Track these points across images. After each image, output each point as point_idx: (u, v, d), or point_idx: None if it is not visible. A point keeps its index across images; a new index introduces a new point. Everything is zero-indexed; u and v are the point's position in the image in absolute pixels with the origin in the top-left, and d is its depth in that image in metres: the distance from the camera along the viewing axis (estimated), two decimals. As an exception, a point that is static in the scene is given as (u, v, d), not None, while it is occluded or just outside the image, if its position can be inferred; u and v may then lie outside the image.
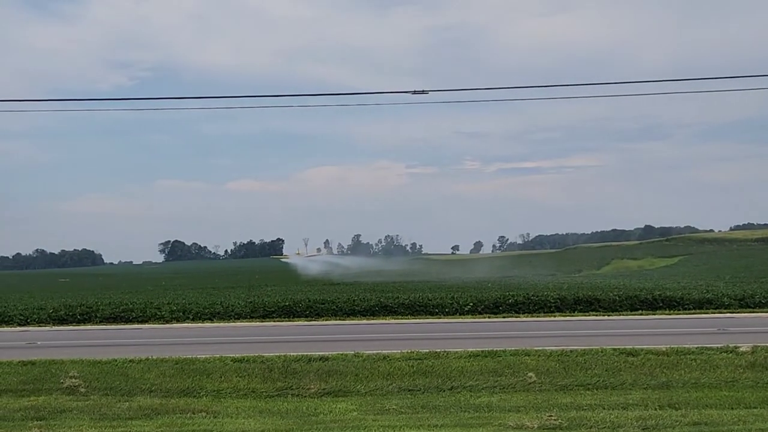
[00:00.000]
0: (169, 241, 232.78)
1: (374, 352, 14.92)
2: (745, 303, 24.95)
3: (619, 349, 14.77)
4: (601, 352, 14.53)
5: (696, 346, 14.98)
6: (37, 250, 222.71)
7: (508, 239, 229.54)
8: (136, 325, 23.21)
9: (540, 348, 15.00)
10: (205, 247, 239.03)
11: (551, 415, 10.62)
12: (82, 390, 12.77)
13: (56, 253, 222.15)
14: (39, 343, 18.92)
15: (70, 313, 24.85)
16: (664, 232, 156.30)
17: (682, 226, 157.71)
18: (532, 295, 26.26)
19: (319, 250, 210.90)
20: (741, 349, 14.52)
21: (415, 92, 24.29)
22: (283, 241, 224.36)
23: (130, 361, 14.47)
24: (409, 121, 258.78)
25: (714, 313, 23.81)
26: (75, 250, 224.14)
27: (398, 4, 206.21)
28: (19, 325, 23.94)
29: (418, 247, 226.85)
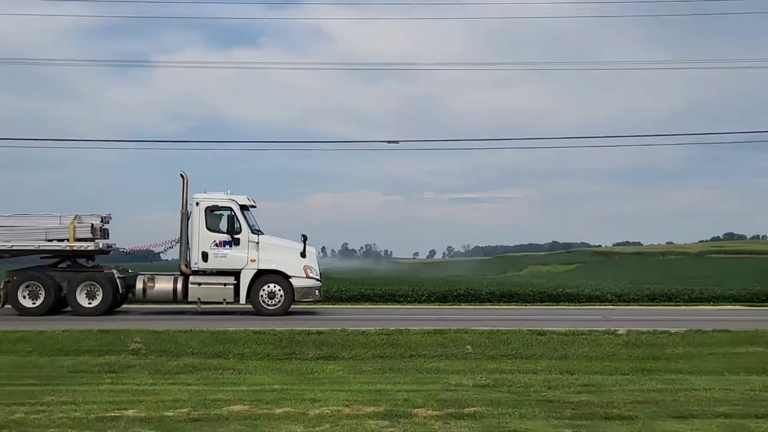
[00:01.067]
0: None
1: (355, 328, 14.88)
2: (622, 299, 25.20)
3: (532, 330, 14.83)
4: (519, 332, 14.58)
5: (587, 329, 15.08)
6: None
7: (454, 248, 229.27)
8: (189, 305, 22.86)
9: (475, 328, 15.04)
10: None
11: (482, 377, 10.67)
12: (143, 352, 12.69)
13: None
14: (113, 316, 18.73)
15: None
16: (567, 246, 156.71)
17: (579, 241, 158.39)
18: (471, 289, 26.36)
19: (318, 253, 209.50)
20: (619, 331, 14.63)
21: (389, 141, 24.37)
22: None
23: (179, 331, 14.39)
24: (385, 162, 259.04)
25: (600, 305, 24.00)
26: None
27: (383, 78, 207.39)
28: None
29: (389, 252, 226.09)
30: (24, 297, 17.50)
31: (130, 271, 19.32)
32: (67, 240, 17.56)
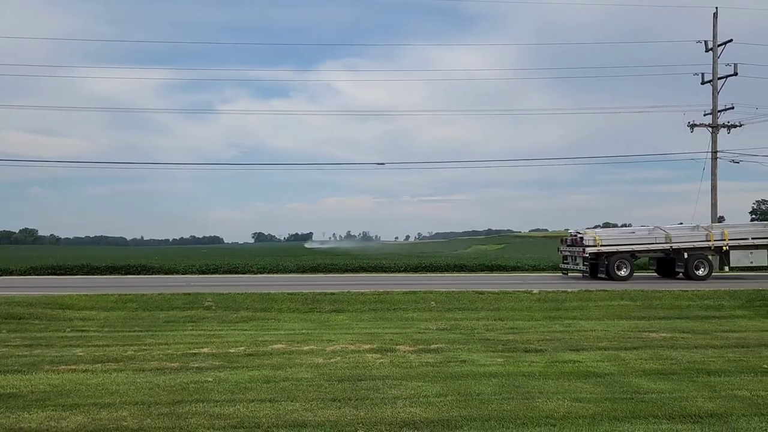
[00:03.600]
0: (257, 232, 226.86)
1: (356, 290, 14.85)
2: (534, 267, 25.06)
3: (475, 290, 14.82)
4: (466, 292, 14.57)
5: (512, 290, 15.11)
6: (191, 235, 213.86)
7: (422, 233, 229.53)
8: (243, 275, 22.86)
9: (437, 290, 15.05)
10: (273, 235, 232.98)
11: (442, 323, 10.71)
12: (213, 308, 12.63)
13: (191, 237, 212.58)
14: (192, 283, 18.58)
15: (211, 268, 24.34)
16: (497, 231, 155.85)
17: (505, 228, 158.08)
18: (433, 262, 26.26)
19: (330, 238, 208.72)
20: (533, 291, 14.67)
21: (377, 164, 24.21)
22: (312, 233, 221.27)
23: (238, 293, 14.30)
24: (374, 176, 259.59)
25: (520, 272, 23.97)
26: (204, 236, 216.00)
27: (371, 119, 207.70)
28: (182, 274, 23.44)
29: (378, 237, 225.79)
30: None
31: None
32: None
